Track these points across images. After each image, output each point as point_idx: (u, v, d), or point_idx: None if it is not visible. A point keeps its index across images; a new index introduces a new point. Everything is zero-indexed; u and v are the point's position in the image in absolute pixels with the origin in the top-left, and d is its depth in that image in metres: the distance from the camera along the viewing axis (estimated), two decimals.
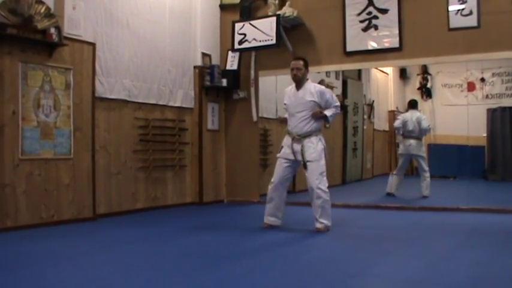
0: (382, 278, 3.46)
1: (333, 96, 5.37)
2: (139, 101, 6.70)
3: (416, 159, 8.46)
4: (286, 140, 5.37)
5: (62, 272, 3.58)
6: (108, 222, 5.84)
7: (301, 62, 5.35)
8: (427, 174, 8.29)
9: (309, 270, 3.68)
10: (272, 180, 5.41)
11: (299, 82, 5.36)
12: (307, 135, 5.22)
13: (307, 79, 5.40)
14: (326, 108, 5.29)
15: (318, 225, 5.17)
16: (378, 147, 12.44)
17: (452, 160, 10.74)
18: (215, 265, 3.78)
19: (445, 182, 10.69)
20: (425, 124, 8.39)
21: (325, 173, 5.22)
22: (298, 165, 5.35)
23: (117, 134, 6.42)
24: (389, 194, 8.42)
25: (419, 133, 8.39)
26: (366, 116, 11.83)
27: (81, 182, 5.84)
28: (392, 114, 12.39)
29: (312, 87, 5.35)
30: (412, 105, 8.70)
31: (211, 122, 7.83)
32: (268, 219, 5.42)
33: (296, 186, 8.43)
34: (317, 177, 5.14)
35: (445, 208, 6.86)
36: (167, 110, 7.18)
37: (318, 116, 5.24)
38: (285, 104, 5.49)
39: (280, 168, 5.37)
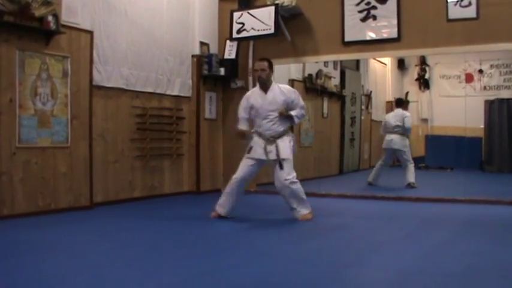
0: (378, 267, 3.47)
1: (299, 98, 5.34)
2: (137, 89, 6.69)
3: (398, 153, 8.55)
4: (258, 140, 5.30)
5: (58, 260, 3.59)
6: (105, 211, 5.85)
7: (266, 63, 5.28)
8: (411, 165, 8.36)
9: (303, 260, 3.69)
10: (235, 176, 5.33)
11: (263, 84, 5.29)
12: (281, 135, 5.23)
13: (272, 81, 5.34)
14: (292, 109, 5.26)
15: (304, 212, 5.27)
16: (376, 138, 12.39)
17: (449, 151, 10.73)
18: (210, 254, 3.79)
19: (442, 173, 10.71)
20: (407, 123, 8.56)
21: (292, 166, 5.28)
22: (265, 164, 5.39)
23: (115, 122, 6.41)
24: (369, 184, 8.57)
25: (403, 130, 8.55)
26: (363, 107, 11.81)
27: (78, 171, 5.84)
28: (390, 105, 12.38)
29: (281, 87, 5.33)
30: (397, 103, 8.99)
31: (209, 111, 7.82)
32: (220, 210, 5.36)
33: None
34: (289, 173, 5.16)
35: (441, 199, 6.88)
36: (165, 99, 7.17)
37: (285, 115, 5.22)
38: (251, 108, 5.34)
39: (246, 167, 5.32)
